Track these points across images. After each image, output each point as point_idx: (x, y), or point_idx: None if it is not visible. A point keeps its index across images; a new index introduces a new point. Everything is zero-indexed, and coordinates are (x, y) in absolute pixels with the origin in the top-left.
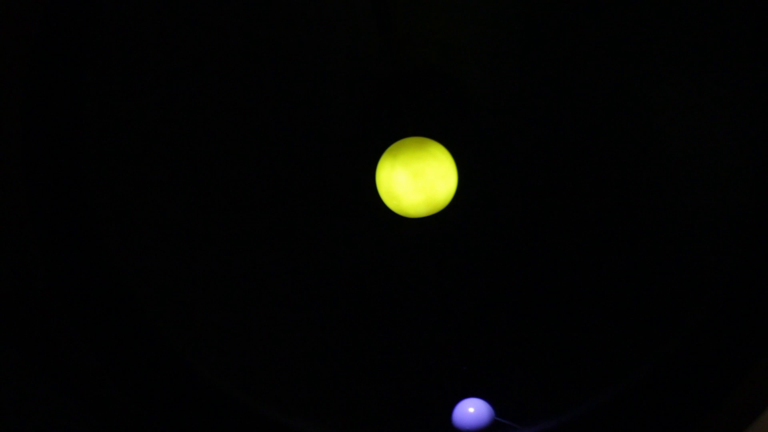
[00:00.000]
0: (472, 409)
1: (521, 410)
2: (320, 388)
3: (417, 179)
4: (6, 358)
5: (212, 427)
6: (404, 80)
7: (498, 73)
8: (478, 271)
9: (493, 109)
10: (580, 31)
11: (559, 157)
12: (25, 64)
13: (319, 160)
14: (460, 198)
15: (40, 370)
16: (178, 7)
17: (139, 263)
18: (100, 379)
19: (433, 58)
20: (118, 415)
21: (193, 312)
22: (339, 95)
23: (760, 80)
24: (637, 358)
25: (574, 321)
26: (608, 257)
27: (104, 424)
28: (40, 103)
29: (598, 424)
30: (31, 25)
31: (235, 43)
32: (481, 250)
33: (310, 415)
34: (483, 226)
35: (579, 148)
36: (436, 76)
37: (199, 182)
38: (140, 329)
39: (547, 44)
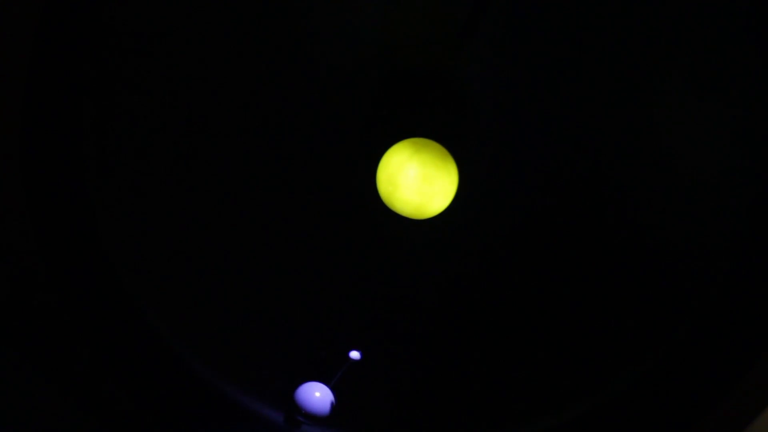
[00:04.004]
0: (318, 393)
1: (522, 410)
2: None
3: (423, 183)
4: (6, 358)
5: (212, 426)
6: (404, 80)
7: (498, 74)
8: (475, 271)
9: (493, 110)
10: (581, 32)
11: (559, 157)
12: (25, 64)
13: (318, 160)
14: (457, 198)
15: (40, 370)
16: (178, 7)
17: (139, 263)
18: (100, 379)
19: (433, 58)
20: (118, 415)
21: (192, 312)
22: (339, 95)
23: (761, 82)
24: (638, 358)
25: (573, 321)
26: (607, 258)
27: (104, 424)
28: (40, 102)
29: (598, 424)
30: (31, 25)
31: (236, 43)
32: (477, 251)
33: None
34: (479, 226)
35: (579, 149)
36: (436, 76)
37: (198, 182)
38: (140, 329)
39: (547, 45)
